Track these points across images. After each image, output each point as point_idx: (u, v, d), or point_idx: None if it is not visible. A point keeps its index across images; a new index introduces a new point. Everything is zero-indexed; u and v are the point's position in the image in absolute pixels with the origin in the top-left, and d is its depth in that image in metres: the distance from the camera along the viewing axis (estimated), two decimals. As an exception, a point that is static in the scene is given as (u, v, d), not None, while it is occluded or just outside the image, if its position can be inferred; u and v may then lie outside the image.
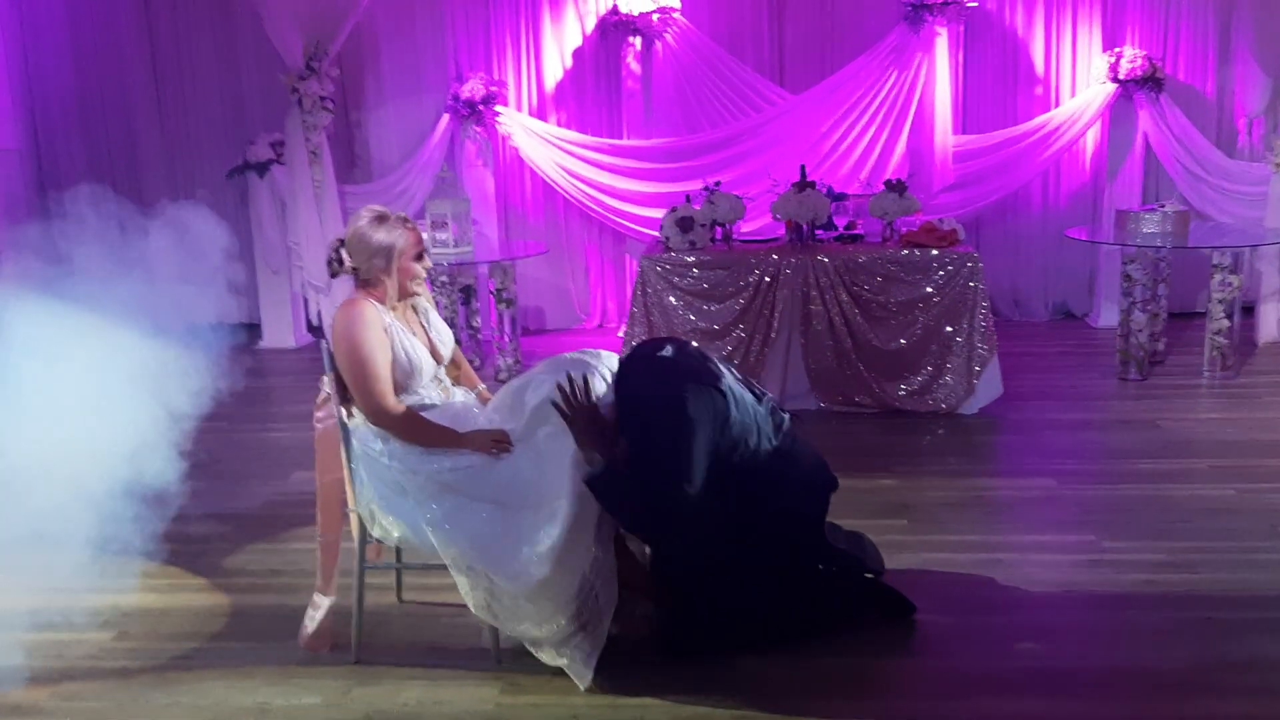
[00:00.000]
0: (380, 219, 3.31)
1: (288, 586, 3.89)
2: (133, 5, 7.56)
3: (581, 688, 3.16)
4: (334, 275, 3.38)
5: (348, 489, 3.38)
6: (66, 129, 7.72)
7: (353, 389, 3.23)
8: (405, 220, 3.34)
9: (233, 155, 7.38)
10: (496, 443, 3.19)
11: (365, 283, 3.32)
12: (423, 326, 3.44)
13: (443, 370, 3.49)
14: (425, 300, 3.52)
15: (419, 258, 3.35)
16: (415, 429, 3.23)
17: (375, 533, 3.31)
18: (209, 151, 7.69)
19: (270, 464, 5.09)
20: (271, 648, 3.48)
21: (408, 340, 3.30)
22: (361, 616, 3.40)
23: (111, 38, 7.64)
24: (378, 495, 3.26)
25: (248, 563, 4.17)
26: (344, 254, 3.32)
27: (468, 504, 3.17)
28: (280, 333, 7.47)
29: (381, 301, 3.30)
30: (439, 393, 3.42)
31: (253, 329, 7.48)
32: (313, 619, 3.44)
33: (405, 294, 3.36)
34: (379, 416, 3.21)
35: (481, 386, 3.67)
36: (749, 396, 3.37)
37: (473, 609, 3.26)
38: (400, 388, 3.28)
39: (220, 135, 7.69)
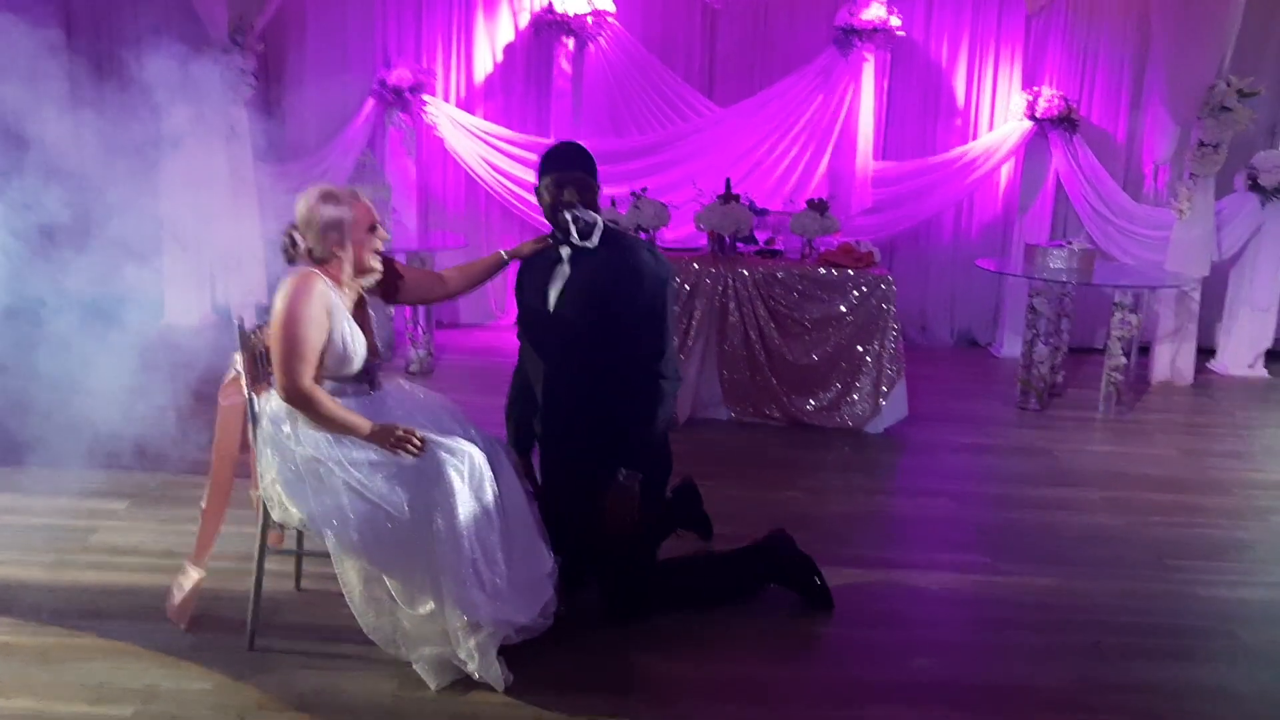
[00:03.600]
0: (328, 195, 3.22)
1: (181, 568, 3.78)
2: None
3: (499, 689, 3.13)
4: (290, 261, 3.25)
5: (253, 469, 3.31)
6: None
7: (275, 359, 3.14)
8: (355, 194, 3.26)
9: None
10: (402, 440, 3.15)
11: (321, 262, 3.23)
12: (370, 319, 3.37)
13: (377, 365, 3.43)
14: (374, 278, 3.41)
15: (372, 229, 3.29)
16: (323, 414, 3.15)
17: (275, 515, 3.23)
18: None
19: (168, 444, 4.94)
20: (162, 630, 3.39)
21: (350, 327, 3.23)
22: (260, 602, 3.33)
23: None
24: (281, 478, 3.18)
25: (140, 542, 4.06)
26: (296, 236, 3.24)
27: (367, 498, 3.12)
28: (184, 310, 7.26)
29: (337, 280, 3.22)
30: (365, 386, 3.36)
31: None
32: (180, 589, 3.40)
33: (363, 267, 3.28)
34: (291, 393, 3.14)
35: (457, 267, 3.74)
36: None
37: (357, 615, 3.18)
38: (328, 373, 3.22)
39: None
